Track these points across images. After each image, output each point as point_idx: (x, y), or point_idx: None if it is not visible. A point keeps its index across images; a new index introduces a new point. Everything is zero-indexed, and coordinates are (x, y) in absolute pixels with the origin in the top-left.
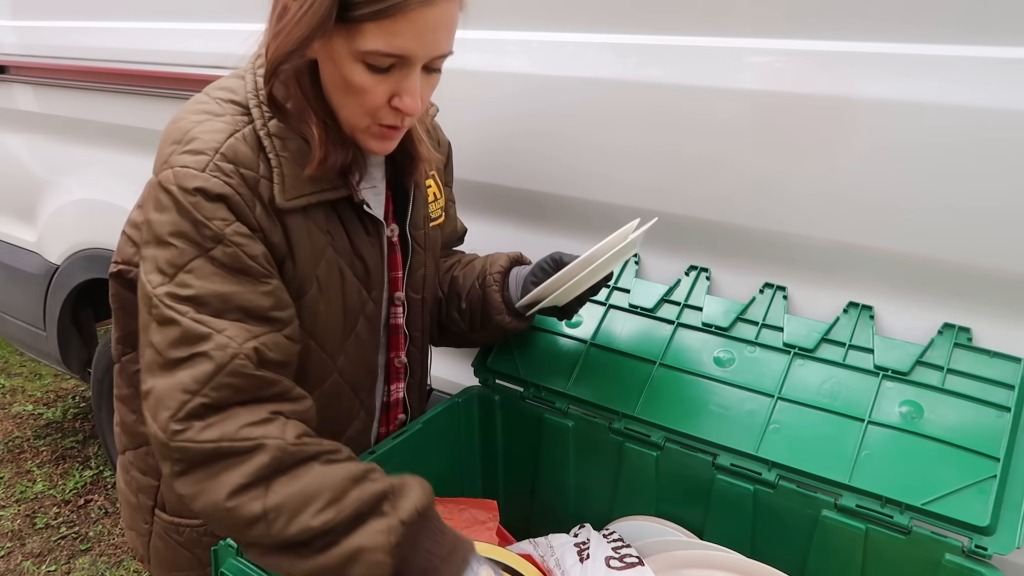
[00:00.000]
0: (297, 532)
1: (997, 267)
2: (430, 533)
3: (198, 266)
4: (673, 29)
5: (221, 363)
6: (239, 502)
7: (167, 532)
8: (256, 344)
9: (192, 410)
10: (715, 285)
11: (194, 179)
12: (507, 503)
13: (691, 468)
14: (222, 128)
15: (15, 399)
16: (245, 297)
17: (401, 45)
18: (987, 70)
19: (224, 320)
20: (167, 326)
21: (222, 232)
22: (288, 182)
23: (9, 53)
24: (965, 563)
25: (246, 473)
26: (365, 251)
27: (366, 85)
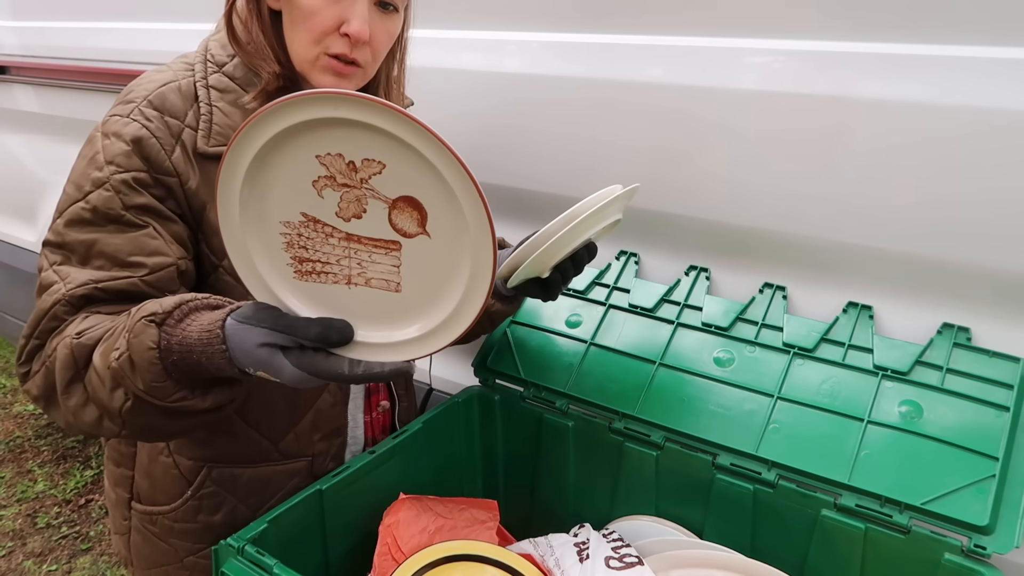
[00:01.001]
0: (119, 415)
1: (997, 267)
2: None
3: (72, 210)
4: (673, 29)
5: (43, 309)
6: (74, 408)
7: (143, 524)
8: (89, 290)
9: (28, 352)
10: (715, 285)
11: (114, 123)
12: (507, 503)
13: (691, 468)
14: (159, 79)
15: (16, 399)
16: (106, 243)
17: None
18: (987, 70)
19: (80, 267)
20: (39, 273)
21: (108, 177)
22: (215, 129)
23: (9, 53)
24: (964, 562)
25: (60, 379)
26: None
27: (313, 6)
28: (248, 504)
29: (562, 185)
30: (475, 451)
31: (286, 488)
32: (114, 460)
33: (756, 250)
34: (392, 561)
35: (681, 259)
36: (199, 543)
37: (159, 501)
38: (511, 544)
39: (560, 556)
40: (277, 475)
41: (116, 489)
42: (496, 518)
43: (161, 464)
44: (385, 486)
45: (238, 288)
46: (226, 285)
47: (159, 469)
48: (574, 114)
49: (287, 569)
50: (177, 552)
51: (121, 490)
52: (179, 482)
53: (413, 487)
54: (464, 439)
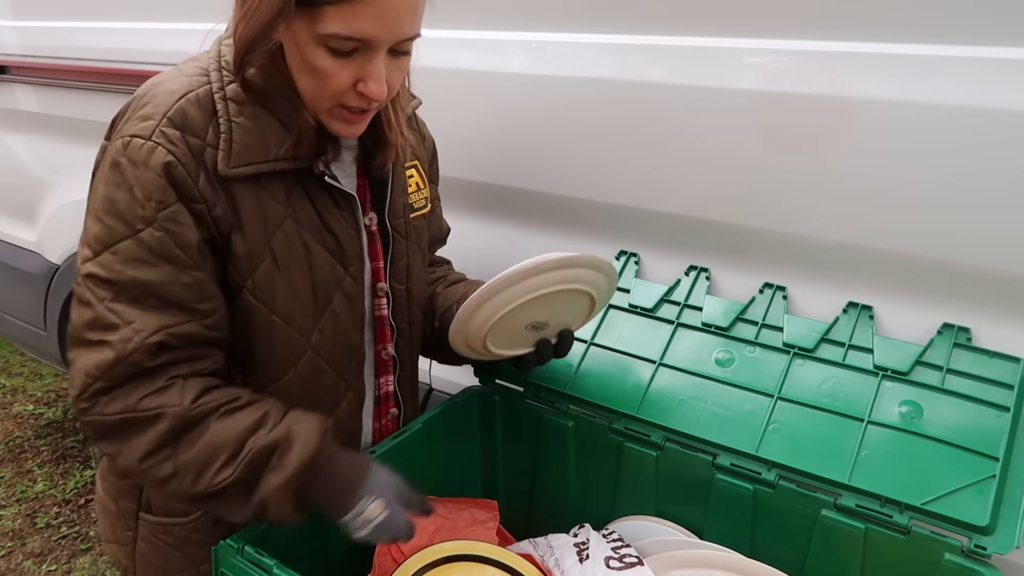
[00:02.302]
0: (205, 488)
1: (997, 267)
2: (320, 476)
3: (124, 248)
4: (673, 29)
5: (121, 355)
6: (150, 464)
7: (154, 534)
8: (162, 337)
9: (94, 391)
10: (715, 285)
11: (139, 150)
12: (507, 503)
13: (691, 468)
14: (176, 89)
15: (16, 399)
16: (165, 288)
17: (361, 29)
18: (987, 70)
19: (138, 308)
20: (83, 307)
21: (155, 216)
22: (236, 149)
23: (9, 53)
24: (964, 563)
25: (151, 440)
26: (335, 225)
27: (329, 69)
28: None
29: (562, 186)
30: (475, 451)
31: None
32: (119, 473)
33: (756, 250)
34: (392, 561)
35: (681, 259)
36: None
37: (176, 511)
38: (511, 544)
39: (560, 556)
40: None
41: (120, 501)
42: (496, 518)
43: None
44: None
45: (261, 309)
46: (249, 306)
47: None
48: (574, 115)
49: (287, 569)
50: (193, 560)
51: (126, 502)
52: None
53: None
54: (464, 439)
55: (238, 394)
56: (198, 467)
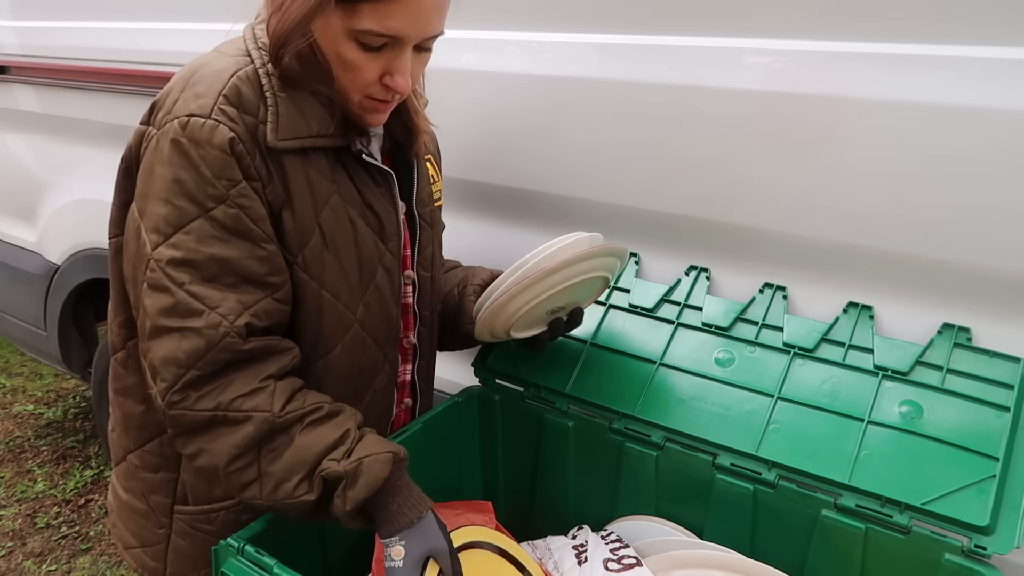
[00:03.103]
0: (283, 498)
1: (997, 267)
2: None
3: (197, 227)
4: (673, 29)
5: (212, 341)
6: (237, 468)
7: (193, 526)
8: (248, 318)
9: (187, 382)
10: (715, 285)
11: (200, 129)
12: (507, 503)
13: (691, 468)
14: (226, 67)
15: (16, 399)
16: (242, 263)
17: (394, 26)
18: (987, 70)
19: (218, 288)
20: (160, 292)
21: (227, 193)
22: (283, 123)
23: (9, 53)
24: (964, 563)
25: (238, 444)
26: (375, 201)
27: (359, 62)
28: None
29: (562, 186)
30: (475, 451)
31: None
32: (151, 466)
33: (756, 250)
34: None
35: (681, 259)
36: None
37: (219, 496)
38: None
39: (559, 559)
40: None
41: (151, 497)
42: (492, 519)
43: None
44: None
45: (311, 285)
46: (301, 282)
47: None
48: (574, 115)
49: (287, 569)
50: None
51: (160, 496)
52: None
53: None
54: (464, 439)
55: (320, 403)
56: (279, 478)
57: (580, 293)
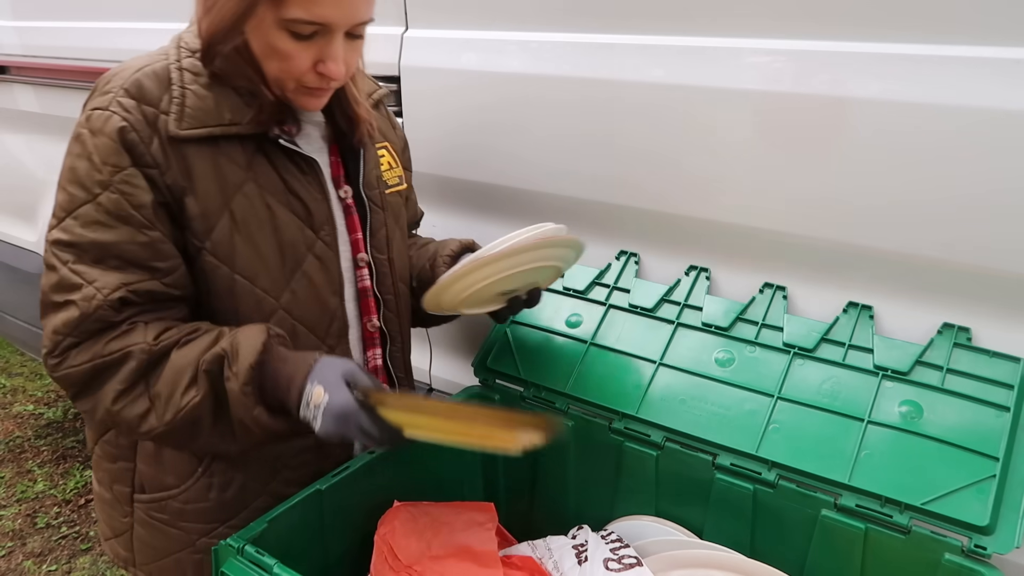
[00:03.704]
0: (176, 413)
1: (997, 267)
2: (270, 374)
3: (84, 212)
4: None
5: (86, 312)
6: (124, 404)
7: (149, 515)
8: (123, 293)
9: (64, 347)
10: (715, 285)
11: (97, 119)
12: (507, 503)
13: (691, 468)
14: (134, 66)
15: (16, 399)
16: (123, 247)
17: (321, 13)
18: (987, 70)
19: (99, 268)
20: (50, 272)
21: (110, 179)
22: (188, 112)
23: (9, 53)
24: (964, 563)
25: (122, 380)
26: (300, 190)
27: (291, 51)
28: (258, 480)
29: (562, 185)
30: (475, 451)
31: (293, 464)
32: (110, 456)
33: (756, 250)
34: (390, 570)
35: (681, 259)
36: (212, 522)
37: (168, 484)
38: (511, 546)
39: (559, 559)
40: (285, 451)
41: (114, 487)
42: (494, 520)
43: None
44: (385, 486)
45: (222, 268)
46: (210, 266)
47: (168, 451)
48: (574, 115)
49: (287, 569)
50: (188, 535)
51: (120, 486)
52: (189, 461)
53: (413, 487)
54: None
55: (197, 326)
56: (167, 395)
57: (531, 278)
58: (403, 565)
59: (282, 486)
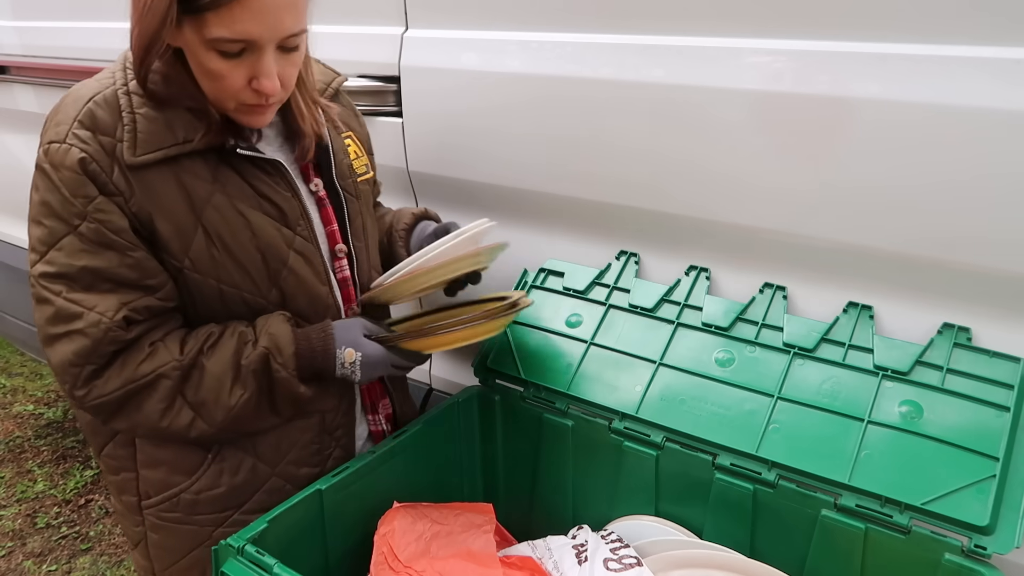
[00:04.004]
0: (227, 412)
1: (997, 267)
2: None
3: (67, 243)
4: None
5: (97, 338)
6: (171, 419)
7: (160, 517)
8: (125, 312)
9: (86, 377)
10: (715, 285)
11: (56, 152)
12: (507, 503)
13: (691, 468)
14: (83, 94)
15: (16, 399)
16: (113, 271)
17: (243, 30)
18: (987, 70)
19: (95, 294)
20: (43, 305)
21: (84, 209)
22: (141, 137)
23: (9, 53)
24: (964, 563)
25: (162, 398)
26: (269, 191)
27: (222, 71)
28: (268, 460)
29: (562, 185)
30: (475, 451)
31: (300, 442)
32: (112, 469)
33: (756, 250)
34: (389, 570)
35: (681, 259)
36: (226, 509)
37: (174, 482)
38: (511, 546)
39: (559, 559)
40: (290, 430)
41: (122, 498)
42: (492, 521)
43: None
44: (385, 486)
45: (208, 281)
46: (196, 282)
47: (171, 450)
48: (574, 115)
49: (287, 569)
50: (203, 529)
51: (128, 496)
52: (195, 453)
53: (413, 487)
54: (464, 439)
55: (210, 330)
56: (213, 400)
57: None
58: (403, 565)
59: (292, 467)
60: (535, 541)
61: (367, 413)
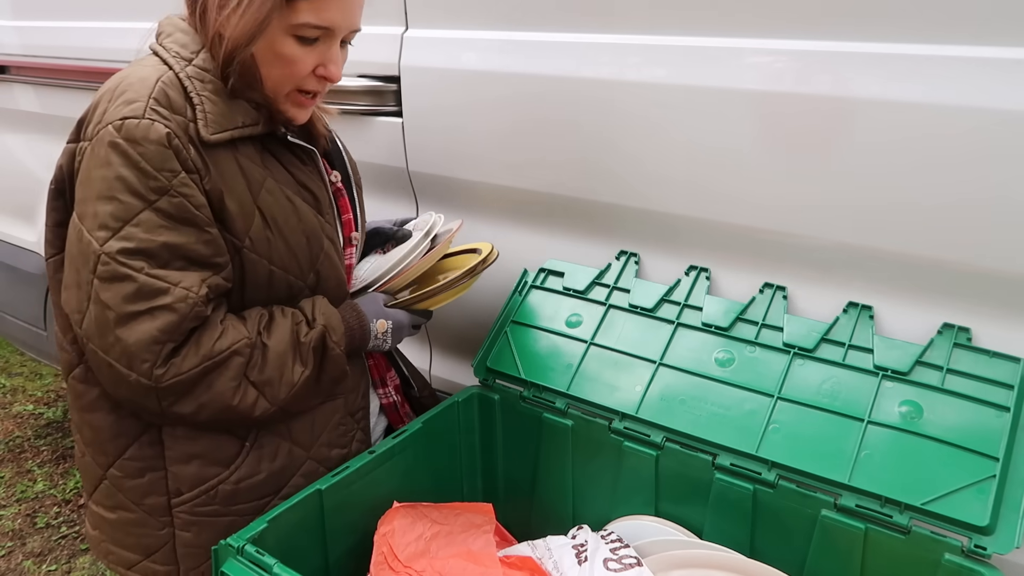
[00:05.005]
0: (290, 388)
1: (997, 267)
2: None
3: (145, 219)
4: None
5: (184, 313)
6: (240, 396)
7: (195, 512)
8: (206, 288)
9: (166, 355)
10: (715, 285)
11: (136, 127)
12: (507, 503)
13: (691, 468)
14: (148, 74)
15: (16, 399)
16: (191, 247)
17: (329, 17)
18: (987, 70)
19: (175, 270)
20: (120, 282)
21: (169, 184)
22: (211, 118)
23: (9, 53)
24: (964, 563)
25: (233, 376)
26: (306, 179)
27: (296, 56)
28: (302, 444)
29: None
30: (475, 451)
31: (331, 424)
32: (134, 473)
33: (756, 250)
34: (389, 570)
35: (681, 259)
36: (265, 496)
37: (212, 474)
38: (511, 546)
39: (559, 558)
40: (321, 412)
41: (145, 502)
42: (492, 522)
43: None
44: (385, 486)
45: (262, 263)
46: (251, 262)
47: (204, 442)
48: (574, 115)
49: (287, 569)
50: (241, 519)
51: (154, 497)
52: (230, 443)
53: (412, 487)
54: (464, 439)
55: (260, 312)
56: (278, 377)
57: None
58: (403, 565)
59: (325, 448)
60: (535, 541)
61: (376, 387)
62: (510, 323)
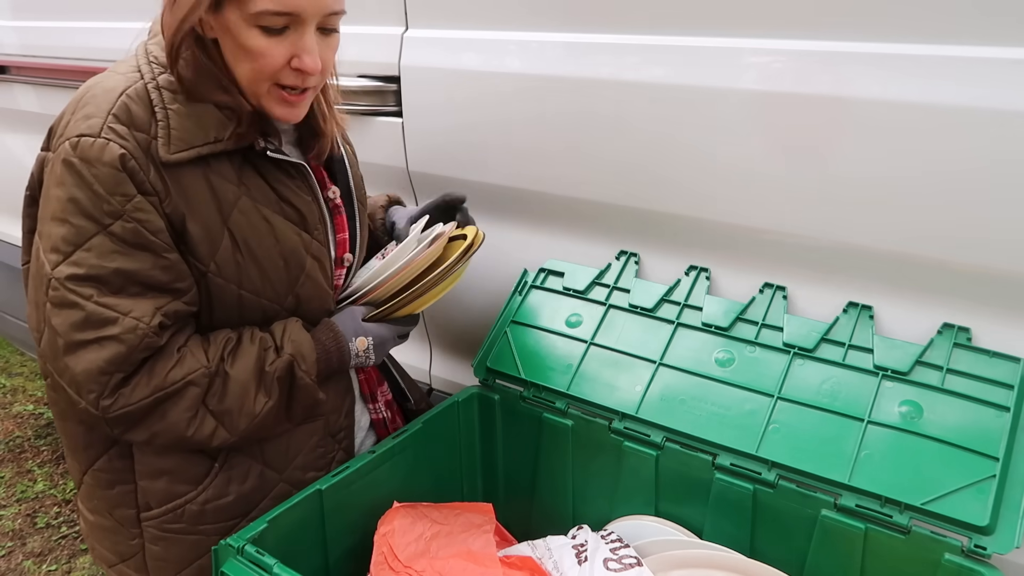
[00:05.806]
0: (251, 420)
1: (997, 267)
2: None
3: (97, 244)
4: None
5: (133, 345)
6: (196, 427)
7: (163, 528)
8: (159, 318)
9: (114, 386)
10: (715, 285)
11: (90, 147)
12: (507, 503)
13: (691, 468)
14: (114, 86)
15: (16, 399)
16: (146, 274)
17: (290, 2)
18: (987, 70)
19: (127, 297)
20: (68, 309)
21: (122, 208)
22: (175, 135)
23: (9, 53)
24: (964, 563)
25: (187, 406)
26: (291, 196)
27: (263, 48)
28: (275, 467)
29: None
30: (475, 451)
31: (307, 446)
32: (105, 483)
33: (756, 250)
34: (389, 570)
35: (681, 259)
36: (233, 518)
37: (180, 492)
38: (511, 546)
39: (559, 558)
40: (297, 434)
41: (115, 512)
42: (492, 522)
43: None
44: (385, 486)
45: (229, 287)
46: (218, 287)
47: (174, 459)
48: (574, 115)
49: (287, 569)
50: (208, 539)
51: (123, 509)
52: (200, 462)
53: (412, 487)
54: (464, 439)
55: (227, 335)
56: (238, 408)
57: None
58: (403, 565)
59: (299, 472)
60: (535, 541)
61: (367, 403)
62: (510, 323)
